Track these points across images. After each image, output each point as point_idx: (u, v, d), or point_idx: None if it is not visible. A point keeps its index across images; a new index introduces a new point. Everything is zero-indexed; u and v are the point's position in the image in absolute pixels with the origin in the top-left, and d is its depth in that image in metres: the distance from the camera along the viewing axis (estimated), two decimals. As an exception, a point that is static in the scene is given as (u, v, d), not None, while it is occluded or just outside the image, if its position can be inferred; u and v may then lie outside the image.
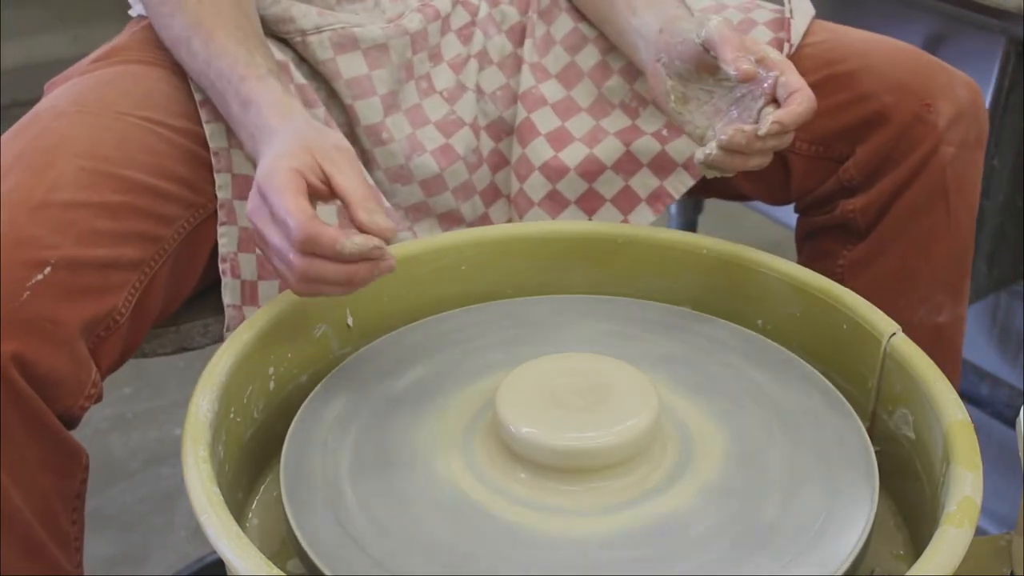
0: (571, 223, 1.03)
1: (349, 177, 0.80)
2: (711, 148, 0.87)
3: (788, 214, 1.18)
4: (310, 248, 0.76)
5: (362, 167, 0.82)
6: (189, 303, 1.01)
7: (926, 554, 0.67)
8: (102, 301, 0.85)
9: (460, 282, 0.97)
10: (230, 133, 0.96)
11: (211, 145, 0.96)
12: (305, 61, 1.03)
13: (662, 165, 1.07)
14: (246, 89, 0.87)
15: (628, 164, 1.07)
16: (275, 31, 1.02)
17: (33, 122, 0.92)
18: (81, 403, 0.84)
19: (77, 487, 0.87)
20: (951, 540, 0.68)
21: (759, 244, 0.97)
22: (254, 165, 0.86)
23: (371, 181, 0.98)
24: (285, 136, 0.82)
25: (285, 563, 0.78)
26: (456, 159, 1.05)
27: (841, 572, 0.70)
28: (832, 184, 1.06)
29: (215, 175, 0.96)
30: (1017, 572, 0.87)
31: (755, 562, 0.71)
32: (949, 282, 1.07)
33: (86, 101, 0.94)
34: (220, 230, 0.96)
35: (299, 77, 1.01)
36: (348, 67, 1.02)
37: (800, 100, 0.86)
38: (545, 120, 1.07)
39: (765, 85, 0.88)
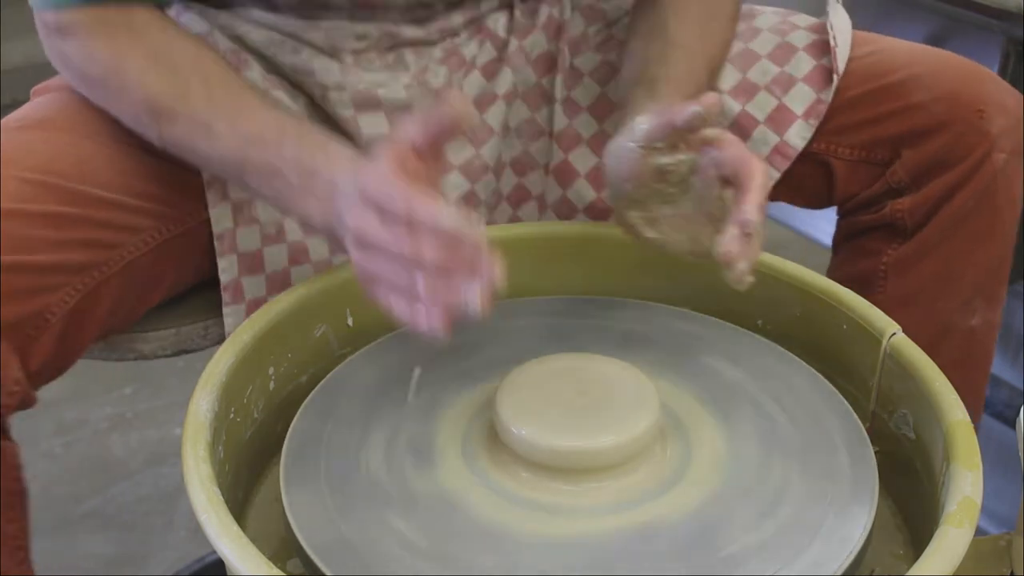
0: (571, 223, 1.03)
1: (413, 122, 0.77)
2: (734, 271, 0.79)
3: (789, 214, 1.18)
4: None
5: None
6: (188, 305, 1.01)
7: (926, 554, 0.67)
8: (30, 302, 0.84)
9: (460, 282, 0.97)
10: (235, 211, 0.96)
11: (215, 229, 0.96)
12: (317, 105, 1.02)
13: None
14: (309, 159, 0.84)
15: None
16: (292, 79, 1.01)
17: None
18: (4, 402, 0.83)
19: (10, 485, 0.86)
20: (951, 540, 0.68)
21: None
22: (328, 239, 0.85)
23: None
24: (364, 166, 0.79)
25: (285, 563, 0.78)
26: (478, 204, 1.05)
27: (841, 572, 0.70)
28: (880, 187, 1.05)
29: (218, 259, 0.97)
30: (1017, 572, 0.87)
31: (755, 562, 0.71)
32: (987, 286, 1.06)
33: (57, 118, 0.94)
34: (225, 310, 0.97)
35: None
36: (369, 126, 1.01)
37: (751, 175, 0.79)
38: (583, 160, 1.06)
39: (710, 169, 0.82)
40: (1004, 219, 1.03)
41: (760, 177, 0.79)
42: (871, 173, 1.05)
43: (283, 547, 0.80)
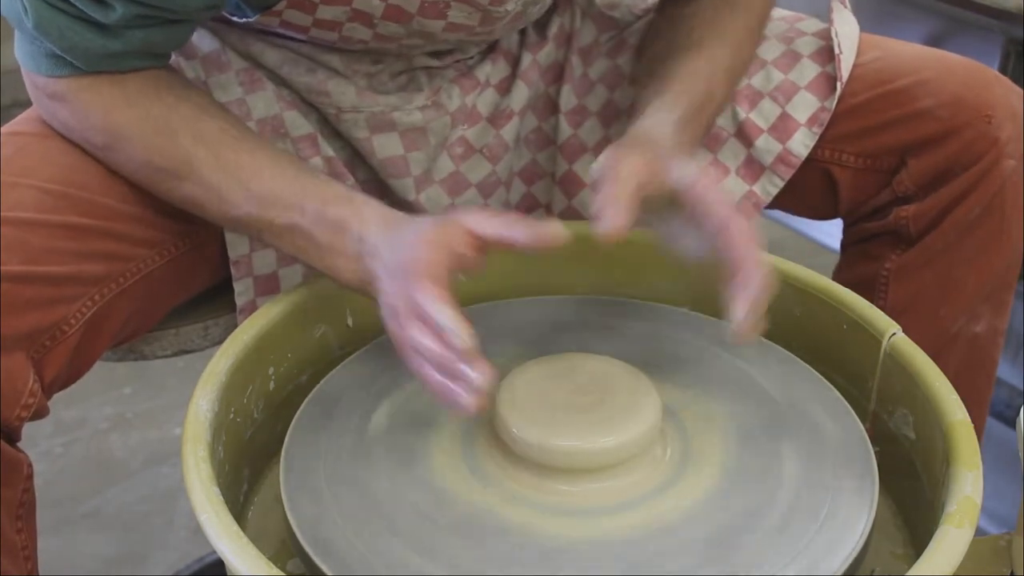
0: (571, 223, 1.02)
1: (494, 220, 0.78)
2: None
3: (788, 214, 1.17)
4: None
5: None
6: (189, 306, 1.01)
7: (926, 554, 0.67)
8: (48, 312, 0.84)
9: (460, 282, 0.97)
10: (251, 237, 0.96)
11: (231, 255, 0.97)
12: (330, 124, 1.01)
13: None
14: (335, 213, 0.84)
15: None
16: (307, 99, 1.00)
17: (10, 141, 0.91)
18: (18, 413, 0.83)
19: (20, 496, 0.86)
20: (951, 540, 0.68)
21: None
22: (363, 293, 0.84)
23: None
24: (420, 227, 0.79)
25: (285, 563, 0.78)
26: None
27: (841, 572, 0.71)
28: (886, 195, 1.03)
29: (234, 283, 0.97)
30: (1017, 572, 0.87)
31: (755, 562, 0.71)
32: (993, 294, 1.04)
33: None
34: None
35: (327, 150, 1.00)
36: (383, 147, 1.01)
37: (740, 248, 0.76)
38: (587, 168, 1.04)
39: (694, 212, 0.80)
40: (1012, 226, 1.01)
41: (752, 248, 0.77)
42: (877, 181, 1.03)
43: (283, 547, 0.80)
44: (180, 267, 0.95)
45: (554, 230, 0.77)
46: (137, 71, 0.87)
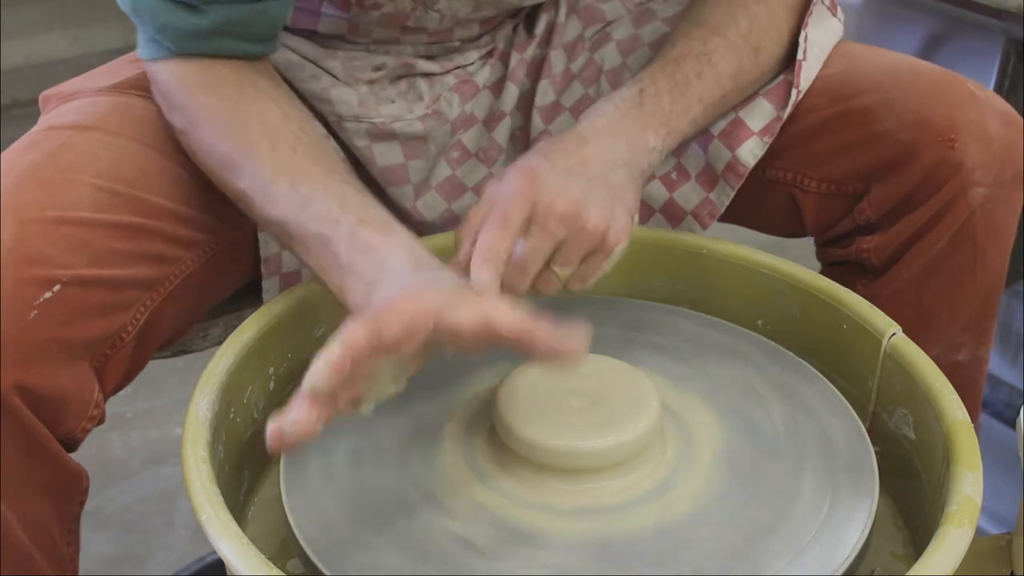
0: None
1: (516, 317, 0.72)
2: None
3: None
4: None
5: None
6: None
7: (926, 554, 0.67)
8: (110, 319, 0.83)
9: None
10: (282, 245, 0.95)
11: (263, 253, 0.96)
12: (332, 131, 1.00)
13: (672, 213, 1.01)
14: (366, 234, 0.79)
15: (641, 210, 0.99)
16: (308, 104, 0.99)
17: (50, 136, 0.89)
18: (84, 425, 0.82)
19: (75, 509, 0.86)
20: (951, 540, 0.68)
21: (759, 244, 0.97)
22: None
23: None
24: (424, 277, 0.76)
25: (285, 563, 0.78)
26: None
27: (841, 572, 0.71)
28: (848, 223, 0.98)
29: (263, 280, 0.97)
30: (1017, 572, 0.87)
31: (755, 562, 0.71)
32: (971, 323, 0.98)
33: (109, 123, 0.90)
34: None
35: None
36: (383, 156, 1.00)
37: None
38: None
39: None
40: (987, 256, 0.95)
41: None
42: (842, 206, 0.98)
43: (283, 547, 0.80)
44: (216, 268, 0.94)
45: (579, 344, 0.70)
46: (227, 59, 0.87)
